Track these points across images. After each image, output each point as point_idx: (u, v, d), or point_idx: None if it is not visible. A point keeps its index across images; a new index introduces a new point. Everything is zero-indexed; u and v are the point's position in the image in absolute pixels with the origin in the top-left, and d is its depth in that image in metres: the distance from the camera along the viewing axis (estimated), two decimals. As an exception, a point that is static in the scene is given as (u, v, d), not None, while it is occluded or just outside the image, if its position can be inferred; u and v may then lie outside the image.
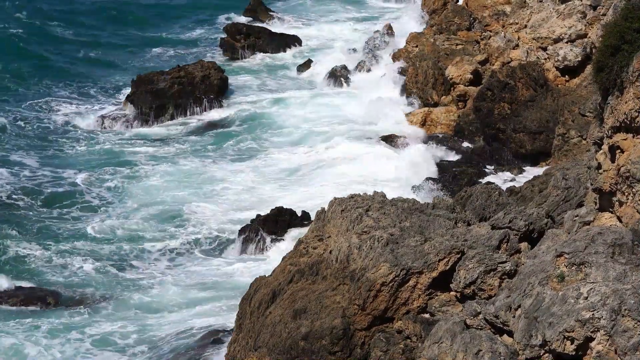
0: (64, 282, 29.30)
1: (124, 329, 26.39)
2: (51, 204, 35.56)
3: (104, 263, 30.56)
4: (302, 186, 37.06)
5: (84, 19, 66.72)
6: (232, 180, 37.96)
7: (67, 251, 31.25)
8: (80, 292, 28.67)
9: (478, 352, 14.60)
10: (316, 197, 34.20)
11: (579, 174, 21.48)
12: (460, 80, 41.96)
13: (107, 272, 29.96)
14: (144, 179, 38.19)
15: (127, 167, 39.41)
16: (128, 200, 35.88)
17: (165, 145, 42.88)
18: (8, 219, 33.46)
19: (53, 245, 31.62)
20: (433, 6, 52.16)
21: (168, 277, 29.83)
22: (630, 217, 15.40)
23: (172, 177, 38.30)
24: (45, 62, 55.36)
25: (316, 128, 43.33)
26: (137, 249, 31.83)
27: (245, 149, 42.28)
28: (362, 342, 18.32)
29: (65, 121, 45.59)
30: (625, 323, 13.11)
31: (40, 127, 44.52)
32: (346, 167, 37.81)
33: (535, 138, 37.24)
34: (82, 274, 29.85)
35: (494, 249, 17.91)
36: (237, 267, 30.48)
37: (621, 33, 15.40)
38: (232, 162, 40.34)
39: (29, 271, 29.86)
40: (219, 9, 69.78)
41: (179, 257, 31.53)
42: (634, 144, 15.23)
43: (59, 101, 48.54)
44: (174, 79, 48.42)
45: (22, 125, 44.36)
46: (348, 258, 19.43)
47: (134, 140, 43.59)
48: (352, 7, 72.12)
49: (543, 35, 39.50)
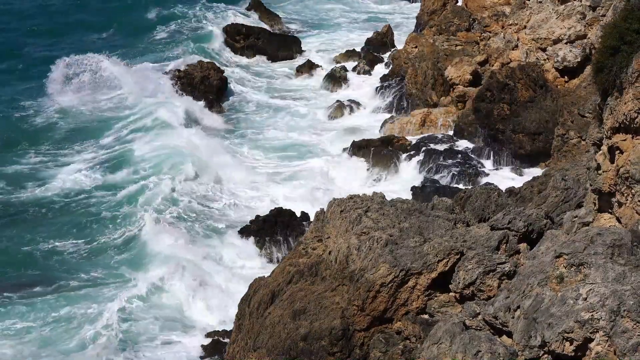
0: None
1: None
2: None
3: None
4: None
5: (83, 16, 66.78)
6: (232, 179, 38.04)
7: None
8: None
9: (477, 353, 14.59)
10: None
11: (578, 174, 21.50)
12: (459, 81, 41.96)
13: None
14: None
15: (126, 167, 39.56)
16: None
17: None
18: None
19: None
20: (432, 7, 52.18)
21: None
22: (629, 218, 15.39)
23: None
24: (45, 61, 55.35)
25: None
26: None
27: (245, 148, 42.34)
28: (362, 343, 18.32)
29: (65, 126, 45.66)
30: (625, 324, 13.11)
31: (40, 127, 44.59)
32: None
33: (534, 139, 37.24)
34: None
35: (493, 249, 17.92)
36: (237, 266, 30.52)
37: (620, 34, 15.41)
38: (232, 162, 40.35)
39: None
40: (218, 10, 69.90)
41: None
42: (633, 144, 15.22)
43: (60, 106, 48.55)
44: (174, 79, 48.47)
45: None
46: (347, 259, 19.43)
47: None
48: (350, 7, 72.34)
49: (542, 36, 39.48)
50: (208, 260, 30.90)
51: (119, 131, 43.21)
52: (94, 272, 29.66)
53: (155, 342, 25.73)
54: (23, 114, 45.75)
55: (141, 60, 53.49)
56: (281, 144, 42.76)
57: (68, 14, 68.04)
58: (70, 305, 27.24)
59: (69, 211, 34.64)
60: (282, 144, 42.73)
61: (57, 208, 34.96)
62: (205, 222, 33.87)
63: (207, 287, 28.82)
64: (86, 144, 42.00)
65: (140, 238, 31.95)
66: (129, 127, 43.42)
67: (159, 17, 66.02)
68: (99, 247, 31.69)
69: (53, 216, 34.26)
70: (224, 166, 38.74)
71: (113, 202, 35.12)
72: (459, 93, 41.70)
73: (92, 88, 48.47)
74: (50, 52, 55.75)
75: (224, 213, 34.96)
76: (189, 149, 39.60)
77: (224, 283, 29.21)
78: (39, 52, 57.14)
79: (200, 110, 46.09)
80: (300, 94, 50.48)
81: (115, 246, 31.65)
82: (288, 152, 41.72)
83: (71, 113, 45.84)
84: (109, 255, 30.99)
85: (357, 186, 35.70)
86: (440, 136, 40.36)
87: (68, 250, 31.40)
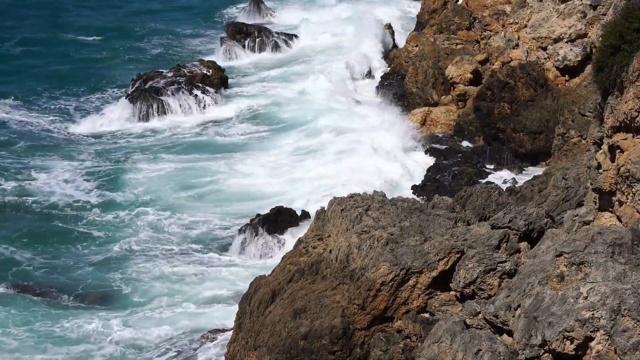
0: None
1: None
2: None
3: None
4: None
5: (82, 12, 66.86)
6: (231, 178, 38.06)
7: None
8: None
9: (478, 352, 14.60)
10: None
11: (579, 173, 21.49)
12: (460, 79, 41.96)
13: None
14: (144, 175, 38.31)
15: (123, 164, 39.54)
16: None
17: (165, 142, 42.94)
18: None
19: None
20: (433, 6, 52.16)
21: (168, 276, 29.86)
22: (630, 217, 15.39)
23: (172, 174, 38.37)
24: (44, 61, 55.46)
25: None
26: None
27: (245, 147, 42.36)
28: (362, 342, 18.33)
29: (66, 123, 45.64)
30: (625, 323, 13.11)
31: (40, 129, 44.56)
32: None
33: (535, 138, 37.25)
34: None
35: (494, 248, 17.92)
36: (237, 266, 30.51)
37: (621, 33, 15.40)
38: (232, 160, 40.39)
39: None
40: (220, 9, 70.02)
41: (179, 255, 31.51)
42: (633, 143, 15.22)
43: (57, 102, 48.55)
44: (174, 77, 48.50)
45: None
46: (348, 257, 19.44)
47: (134, 138, 43.64)
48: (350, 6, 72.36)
49: (543, 35, 39.48)
50: (208, 259, 30.97)
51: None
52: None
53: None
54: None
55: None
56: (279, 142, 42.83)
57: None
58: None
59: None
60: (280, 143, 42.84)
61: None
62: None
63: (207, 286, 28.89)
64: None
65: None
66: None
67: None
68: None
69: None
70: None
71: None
72: (460, 92, 41.69)
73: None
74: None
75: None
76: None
77: (224, 281, 29.25)
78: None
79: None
80: (301, 93, 50.48)
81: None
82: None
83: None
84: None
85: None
86: (441, 135, 40.36)
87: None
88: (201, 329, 26.21)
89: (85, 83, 52.27)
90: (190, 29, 65.42)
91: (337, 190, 30.43)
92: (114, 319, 26.71)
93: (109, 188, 36.95)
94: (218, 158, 40.65)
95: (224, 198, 36.14)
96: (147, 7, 70.16)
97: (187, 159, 40.66)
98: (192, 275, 29.66)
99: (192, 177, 38.09)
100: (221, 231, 33.01)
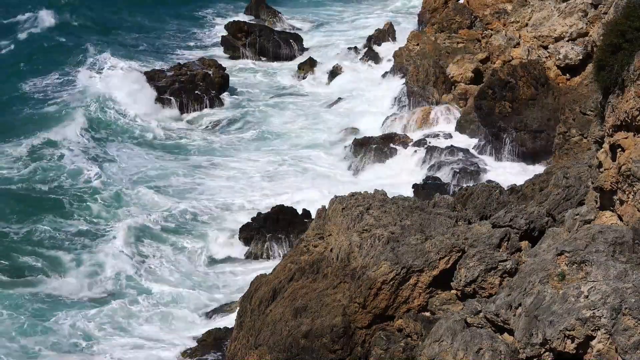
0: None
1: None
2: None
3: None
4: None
5: (82, 10, 66.77)
6: (231, 178, 38.11)
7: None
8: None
9: (478, 351, 14.60)
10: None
11: (580, 172, 21.49)
12: (461, 78, 41.94)
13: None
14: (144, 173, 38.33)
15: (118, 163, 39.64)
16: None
17: (165, 142, 42.94)
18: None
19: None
20: (434, 4, 52.11)
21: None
22: (631, 216, 15.38)
23: (171, 173, 38.39)
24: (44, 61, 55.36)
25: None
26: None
27: (244, 146, 42.39)
28: (363, 341, 18.33)
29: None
30: (626, 322, 13.10)
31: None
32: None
33: (536, 136, 37.23)
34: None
35: (495, 247, 17.92)
36: (237, 265, 30.55)
37: (622, 32, 15.38)
38: (231, 159, 40.40)
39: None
40: (219, 8, 69.99)
41: (179, 255, 31.53)
42: (634, 142, 15.21)
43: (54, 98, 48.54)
44: (175, 76, 48.50)
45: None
46: (349, 256, 19.44)
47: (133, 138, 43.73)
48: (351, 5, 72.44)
49: (544, 33, 39.46)
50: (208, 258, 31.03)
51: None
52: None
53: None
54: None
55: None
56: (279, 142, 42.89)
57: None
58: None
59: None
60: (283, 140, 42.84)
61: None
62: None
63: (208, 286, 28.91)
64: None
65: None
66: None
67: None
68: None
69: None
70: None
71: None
72: (461, 91, 41.68)
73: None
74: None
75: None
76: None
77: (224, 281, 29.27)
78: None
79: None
80: (302, 92, 50.49)
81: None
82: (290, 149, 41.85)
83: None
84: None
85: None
86: (442, 134, 40.34)
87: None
88: (201, 328, 26.27)
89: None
90: (191, 28, 65.37)
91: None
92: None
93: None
94: (218, 157, 40.71)
95: (223, 198, 36.14)
96: (145, 3, 69.97)
97: (190, 158, 40.71)
98: (193, 276, 29.72)
99: (193, 177, 38.10)
100: (221, 231, 33.00)
